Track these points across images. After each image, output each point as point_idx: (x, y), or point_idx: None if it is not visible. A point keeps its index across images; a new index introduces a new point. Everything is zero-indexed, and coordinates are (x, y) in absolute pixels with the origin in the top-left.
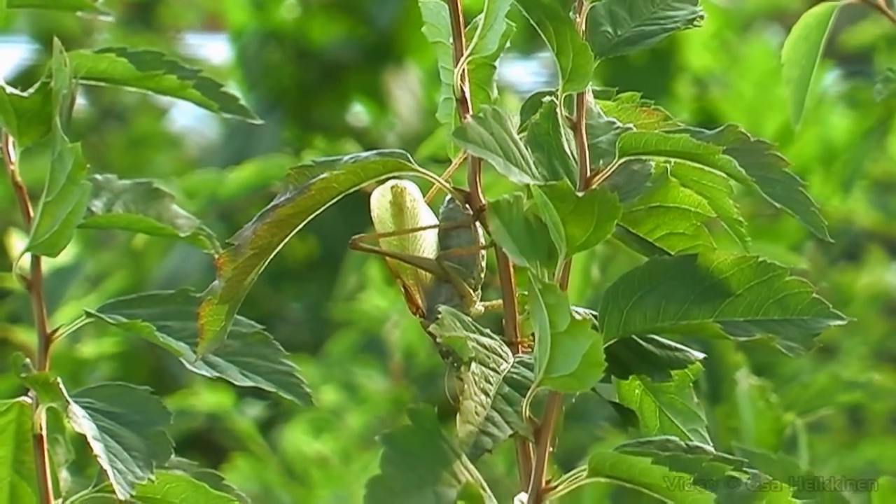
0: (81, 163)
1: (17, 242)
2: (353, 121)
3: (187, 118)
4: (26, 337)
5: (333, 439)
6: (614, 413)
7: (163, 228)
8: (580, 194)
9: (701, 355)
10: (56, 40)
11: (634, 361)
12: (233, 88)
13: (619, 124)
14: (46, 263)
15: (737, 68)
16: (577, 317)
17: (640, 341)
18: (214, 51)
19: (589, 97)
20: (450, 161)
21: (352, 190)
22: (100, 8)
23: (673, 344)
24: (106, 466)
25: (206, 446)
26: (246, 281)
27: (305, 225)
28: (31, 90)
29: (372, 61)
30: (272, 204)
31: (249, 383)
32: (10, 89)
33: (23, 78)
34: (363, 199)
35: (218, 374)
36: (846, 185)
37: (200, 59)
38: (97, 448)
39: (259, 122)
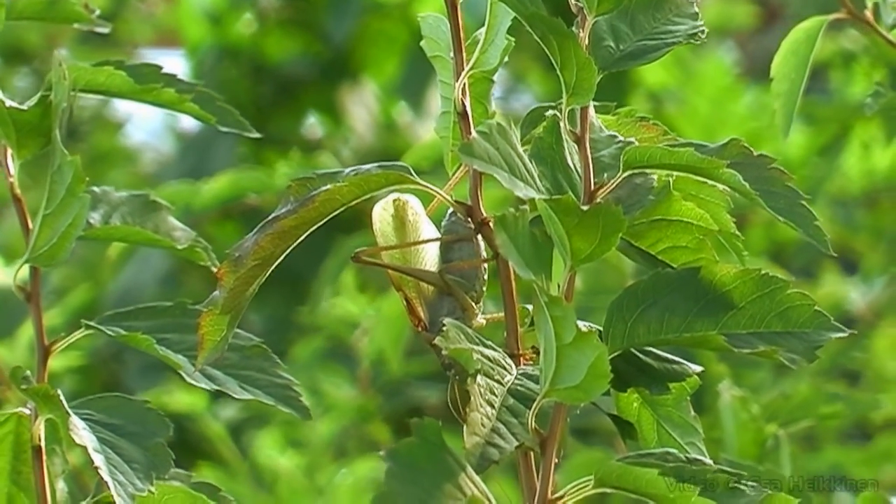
0: (81, 176)
1: None
2: (307, 135)
3: (142, 133)
4: None
5: (301, 453)
6: (577, 428)
7: (160, 240)
8: (585, 208)
9: (698, 368)
10: (56, 53)
11: (633, 374)
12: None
13: (621, 138)
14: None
15: (691, 84)
16: (583, 329)
17: (639, 354)
18: (170, 66)
19: (591, 111)
20: (439, 171)
21: (354, 202)
22: (96, 21)
23: (671, 357)
24: (107, 478)
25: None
26: (248, 292)
27: None
28: (31, 103)
29: (328, 77)
30: (274, 215)
31: (249, 396)
32: (9, 102)
33: None
34: None
35: (217, 387)
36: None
37: None
38: (98, 460)
39: (257, 135)
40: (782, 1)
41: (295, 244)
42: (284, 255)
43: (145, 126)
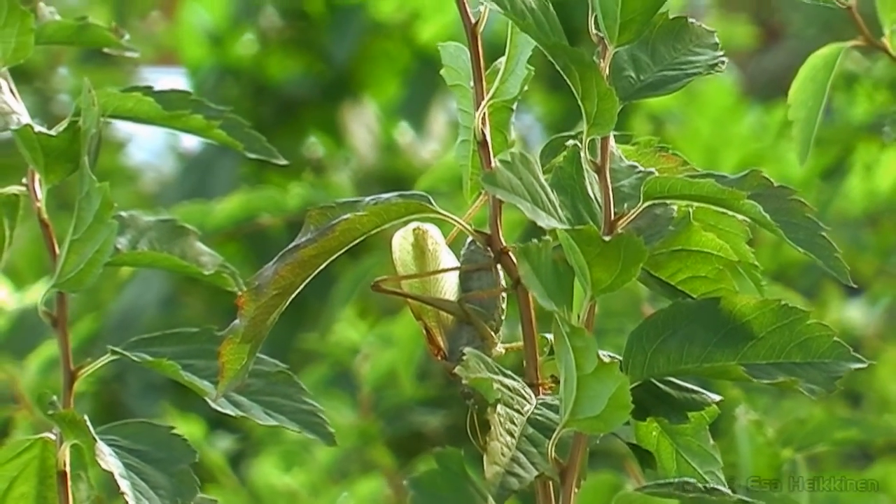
0: (109, 202)
1: None
2: (309, 155)
3: (144, 153)
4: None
5: (302, 473)
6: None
7: (187, 266)
8: (606, 238)
9: (717, 397)
10: (86, 80)
11: (652, 403)
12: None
13: (641, 168)
14: (18, 303)
15: (693, 105)
16: (605, 359)
17: (658, 384)
18: (171, 86)
19: (611, 141)
20: (455, 195)
21: (374, 231)
22: (125, 45)
23: (690, 386)
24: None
25: None
26: (268, 321)
27: (255, 261)
28: (59, 128)
29: (329, 97)
30: (294, 244)
31: (273, 423)
32: (38, 128)
33: None
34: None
35: (242, 414)
36: None
37: None
38: (124, 486)
39: (283, 162)
40: (782, 21)
41: (315, 273)
42: (304, 284)
43: (147, 146)
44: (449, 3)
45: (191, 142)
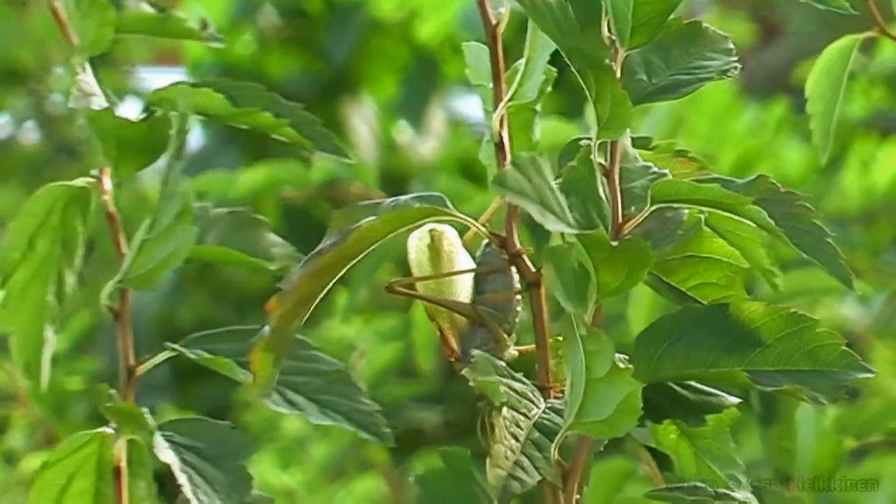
0: (189, 209)
1: None
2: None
3: None
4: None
5: (300, 472)
6: None
7: (250, 261)
8: (614, 243)
9: (736, 400)
10: (180, 86)
11: (668, 406)
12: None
13: (654, 169)
14: None
15: (691, 103)
16: (619, 364)
17: (674, 386)
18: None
19: (627, 141)
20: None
21: (390, 236)
22: (208, 36)
23: (707, 389)
24: (191, 497)
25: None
26: (291, 327)
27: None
28: (137, 117)
29: (328, 95)
30: (318, 249)
31: (329, 422)
32: (118, 113)
33: None
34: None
35: (298, 412)
36: None
37: None
38: (182, 479)
39: (353, 161)
40: (781, 18)
41: (335, 280)
42: (325, 290)
43: None
44: (448, 1)
45: (190, 139)
